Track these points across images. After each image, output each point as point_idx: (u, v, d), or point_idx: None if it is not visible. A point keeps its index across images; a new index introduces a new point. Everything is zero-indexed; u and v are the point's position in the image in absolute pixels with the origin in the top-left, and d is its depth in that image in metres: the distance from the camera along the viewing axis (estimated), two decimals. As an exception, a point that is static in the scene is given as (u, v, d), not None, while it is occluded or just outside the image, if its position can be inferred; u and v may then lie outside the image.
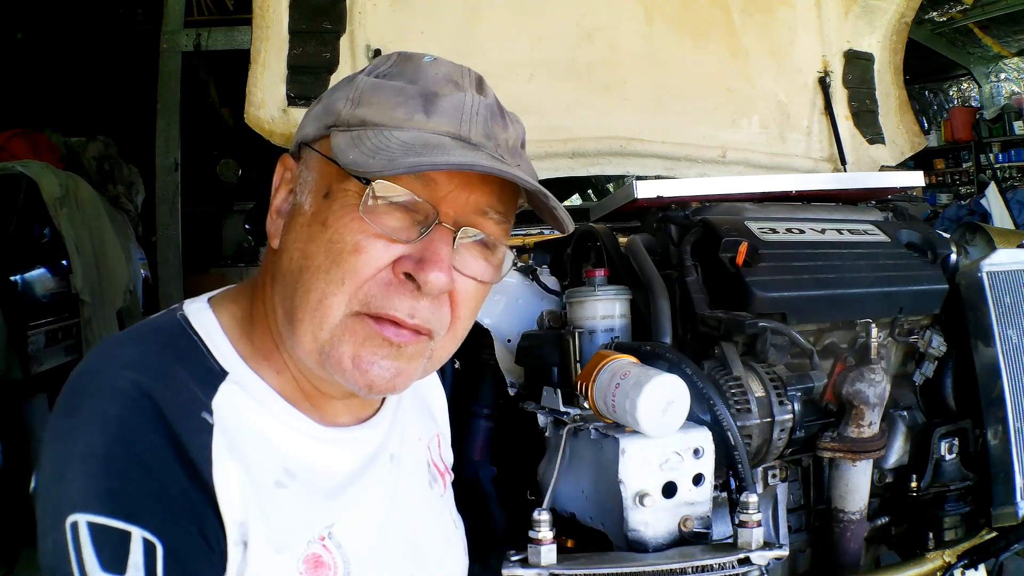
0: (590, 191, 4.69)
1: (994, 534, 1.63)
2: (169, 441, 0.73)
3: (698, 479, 1.20)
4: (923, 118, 10.02)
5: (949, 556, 1.57)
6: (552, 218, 0.86)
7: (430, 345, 0.82)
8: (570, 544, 1.30)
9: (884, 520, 1.68)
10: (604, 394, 1.18)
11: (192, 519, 0.73)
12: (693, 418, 1.25)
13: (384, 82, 0.81)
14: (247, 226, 6.96)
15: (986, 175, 9.15)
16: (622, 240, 1.71)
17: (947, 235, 1.88)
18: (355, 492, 0.86)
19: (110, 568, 0.69)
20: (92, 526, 0.69)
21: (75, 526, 0.69)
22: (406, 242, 0.78)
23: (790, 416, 1.40)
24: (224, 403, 0.78)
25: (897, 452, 1.67)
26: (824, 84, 2.64)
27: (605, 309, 1.54)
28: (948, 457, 1.67)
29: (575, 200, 4.56)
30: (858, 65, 2.71)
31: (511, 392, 1.59)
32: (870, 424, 1.45)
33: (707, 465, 1.20)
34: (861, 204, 2.00)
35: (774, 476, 1.54)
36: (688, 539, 1.19)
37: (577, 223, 1.81)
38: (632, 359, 1.22)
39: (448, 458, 1.09)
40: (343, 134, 0.79)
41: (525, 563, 1.10)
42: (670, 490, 1.18)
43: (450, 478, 1.07)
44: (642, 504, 1.16)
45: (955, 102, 10.33)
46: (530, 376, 1.55)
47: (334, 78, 2.26)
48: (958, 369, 1.71)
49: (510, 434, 1.60)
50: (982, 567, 1.60)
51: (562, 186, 4.04)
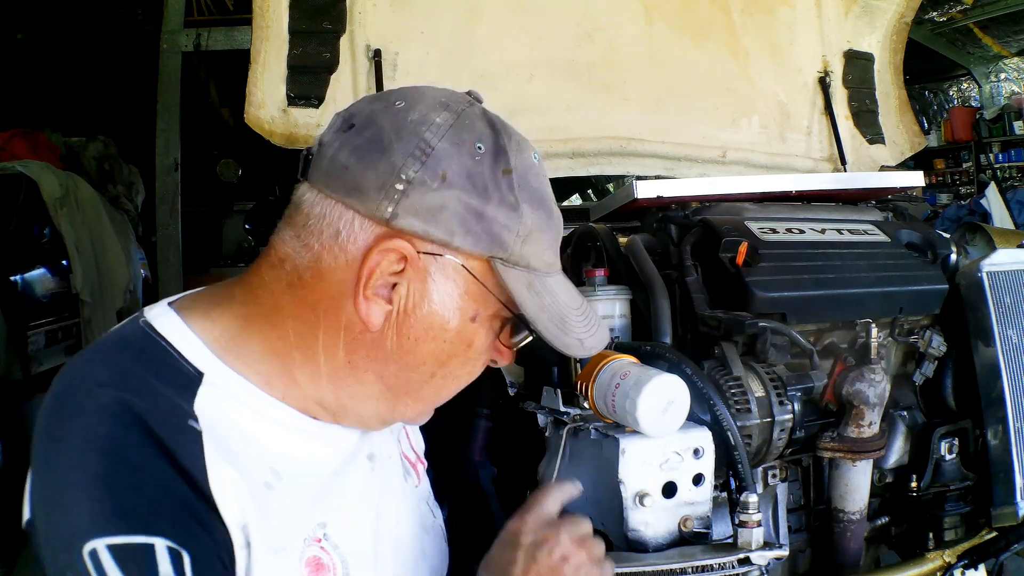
0: (590, 191, 4.70)
1: (994, 534, 1.63)
2: (161, 452, 0.72)
3: (698, 479, 1.20)
4: (923, 118, 10.02)
5: (949, 556, 1.57)
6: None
7: None
8: (570, 544, 1.30)
9: (884, 520, 1.68)
10: (604, 394, 1.18)
11: (201, 527, 0.72)
12: (693, 418, 1.25)
13: (543, 220, 0.84)
14: (247, 226, 6.95)
15: (986, 175, 9.16)
16: (622, 240, 1.71)
17: (947, 235, 1.88)
18: (342, 490, 0.86)
19: None
20: (113, 548, 0.67)
21: (94, 554, 0.67)
22: (512, 349, 0.91)
23: (790, 416, 1.40)
24: (206, 407, 0.76)
25: (897, 452, 1.67)
26: (824, 84, 2.64)
27: (605, 309, 1.54)
28: (948, 457, 1.67)
29: (575, 200, 4.56)
30: (858, 65, 2.71)
31: (511, 392, 1.59)
32: (870, 424, 1.44)
33: (707, 465, 1.20)
34: (861, 204, 2.00)
35: (774, 476, 1.54)
36: (688, 539, 1.19)
37: (577, 223, 1.82)
38: (632, 359, 1.22)
39: (419, 446, 1.10)
40: (515, 274, 0.83)
41: (525, 563, 1.09)
42: (670, 490, 1.18)
43: (423, 467, 1.08)
44: (642, 504, 1.16)
45: (955, 102, 10.33)
46: (530, 376, 1.55)
47: (334, 78, 2.26)
48: (958, 369, 1.71)
49: (510, 434, 1.60)
50: (982, 567, 1.59)
51: (562, 186, 4.05)
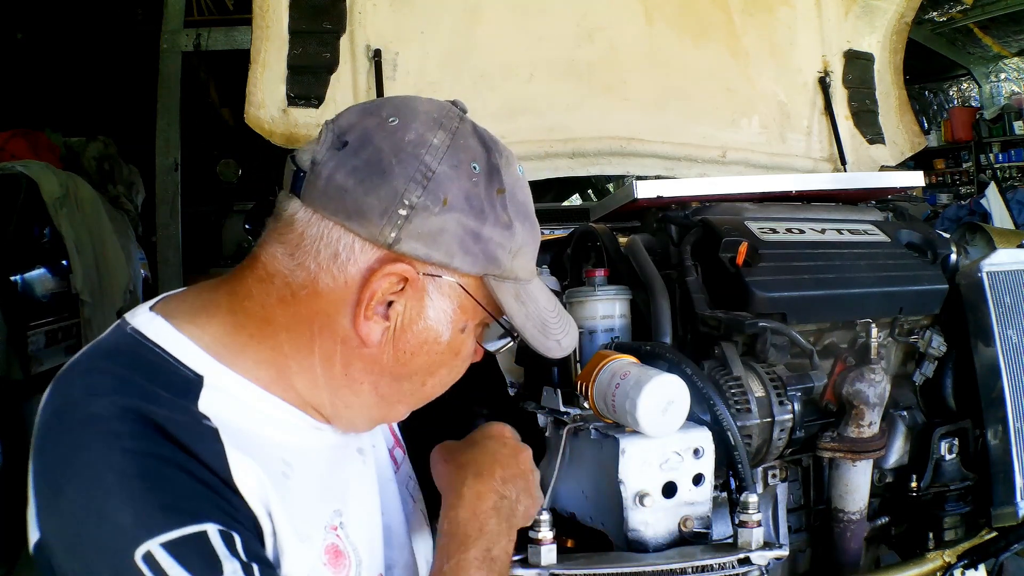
0: (590, 191, 4.70)
1: (994, 534, 1.63)
2: (183, 450, 0.71)
3: (698, 479, 1.20)
4: (923, 118, 10.02)
5: (949, 556, 1.57)
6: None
7: None
8: (570, 544, 1.30)
9: (884, 520, 1.68)
10: (604, 394, 1.18)
11: (236, 512, 0.72)
12: (693, 418, 1.25)
13: (531, 235, 0.87)
14: (247, 226, 6.94)
15: (986, 175, 9.16)
16: (622, 240, 1.71)
17: (947, 235, 1.88)
18: (343, 481, 0.87)
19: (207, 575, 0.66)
20: (168, 546, 0.66)
21: (148, 556, 0.65)
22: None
23: (790, 416, 1.40)
24: (211, 407, 0.76)
25: (897, 452, 1.67)
26: (824, 84, 2.64)
27: (605, 309, 1.54)
28: (948, 457, 1.67)
29: (575, 200, 4.56)
30: (858, 65, 2.71)
31: (511, 392, 1.59)
32: (870, 424, 1.44)
33: (707, 465, 1.20)
34: (861, 204, 2.00)
35: (774, 476, 1.54)
36: (688, 539, 1.19)
37: (577, 223, 1.82)
38: (632, 359, 1.22)
39: (395, 429, 1.11)
40: (505, 287, 0.85)
41: (525, 563, 1.10)
42: (670, 490, 1.18)
43: (400, 452, 1.09)
44: (642, 504, 1.16)
45: (955, 102, 10.34)
46: (530, 376, 1.55)
47: (334, 78, 2.26)
48: (958, 369, 1.71)
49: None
50: (982, 567, 1.59)
51: (562, 186, 4.04)
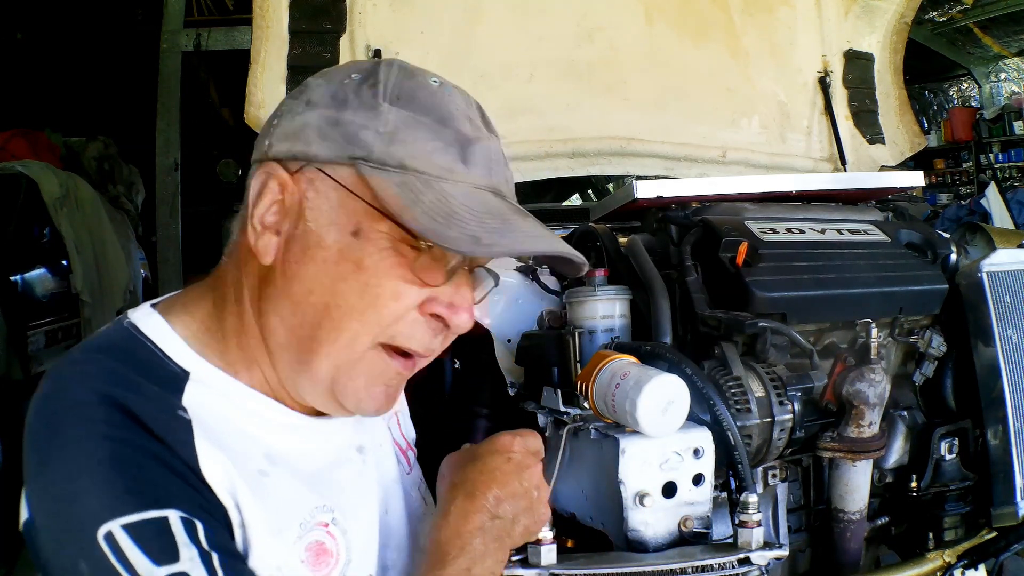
0: (590, 191, 4.70)
1: (994, 534, 1.63)
2: (155, 439, 0.73)
3: (698, 479, 1.20)
4: (923, 118, 10.02)
5: (949, 556, 1.57)
6: (570, 266, 0.89)
7: (421, 364, 0.87)
8: (570, 544, 1.30)
9: (884, 520, 1.68)
10: (604, 394, 1.18)
11: (204, 501, 0.73)
12: (693, 418, 1.25)
13: (416, 117, 0.79)
14: (247, 226, 6.95)
15: (986, 175, 9.17)
16: (622, 240, 1.71)
17: (947, 235, 1.88)
18: (338, 480, 0.87)
19: (163, 560, 0.67)
20: (128, 527, 0.68)
21: (110, 536, 0.67)
22: (436, 286, 0.80)
23: (790, 416, 1.40)
24: (194, 402, 0.77)
25: (897, 452, 1.67)
26: (824, 84, 2.64)
27: (605, 309, 1.54)
28: (948, 457, 1.67)
29: (575, 200, 4.56)
30: (858, 65, 2.71)
31: (511, 392, 1.59)
32: (870, 424, 1.44)
33: (707, 465, 1.20)
34: (861, 204, 2.00)
35: (774, 476, 1.54)
36: (688, 539, 1.19)
37: (577, 223, 1.82)
38: (632, 359, 1.22)
39: (409, 434, 1.10)
40: (383, 177, 0.77)
41: (525, 563, 1.10)
42: (670, 490, 1.18)
43: (413, 454, 1.08)
44: (642, 504, 1.16)
45: (955, 102, 10.34)
46: (530, 376, 1.55)
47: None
48: (958, 369, 1.71)
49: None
50: (982, 567, 1.59)
51: (562, 186, 4.04)
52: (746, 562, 1.12)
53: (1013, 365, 1.63)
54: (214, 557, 0.69)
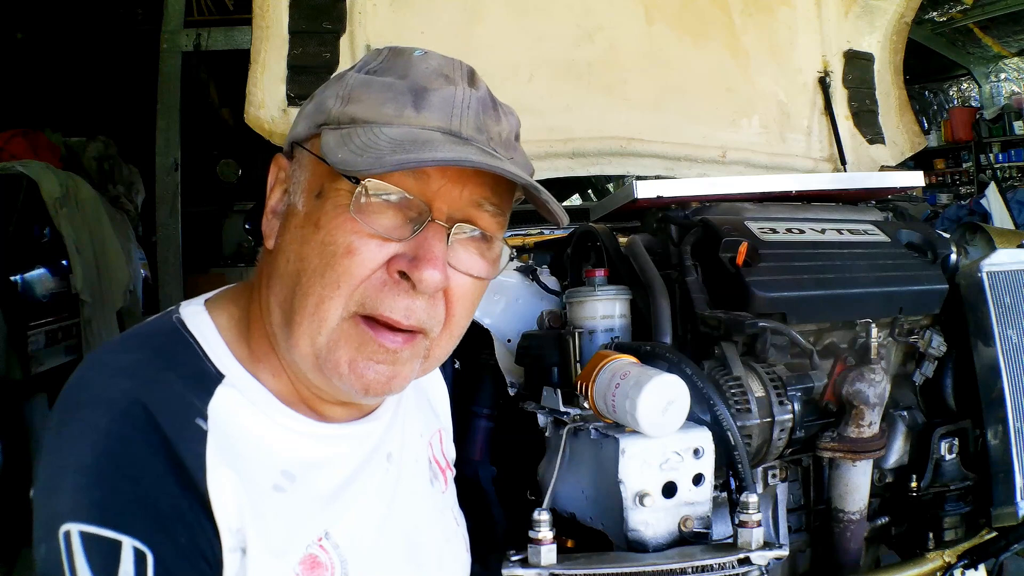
0: (590, 191, 4.69)
1: (994, 534, 1.63)
2: (162, 448, 0.73)
3: (698, 479, 1.20)
4: (923, 118, 10.01)
5: (949, 556, 1.57)
6: (546, 211, 0.84)
7: (424, 344, 0.82)
8: (570, 544, 1.30)
9: (884, 520, 1.68)
10: (604, 394, 1.18)
11: (184, 528, 0.73)
12: (693, 418, 1.25)
13: (374, 78, 0.81)
14: (247, 226, 6.96)
15: (986, 175, 9.16)
16: (622, 240, 1.71)
17: (947, 235, 1.88)
18: (354, 491, 0.86)
19: None
20: (84, 535, 0.70)
21: (67, 535, 0.70)
22: (399, 240, 0.77)
23: (790, 416, 1.40)
24: (220, 407, 0.78)
25: (897, 452, 1.67)
26: (824, 84, 2.64)
27: (605, 309, 1.54)
28: (948, 457, 1.67)
29: (575, 200, 4.56)
30: (858, 65, 2.71)
31: (511, 392, 1.59)
32: (870, 424, 1.45)
33: (707, 465, 1.20)
34: (861, 204, 2.00)
35: (774, 476, 1.54)
36: (688, 539, 1.19)
37: (577, 223, 1.82)
38: (632, 359, 1.22)
39: (450, 454, 1.09)
40: (333, 132, 0.78)
41: (525, 563, 1.10)
42: (670, 490, 1.18)
43: (452, 474, 1.07)
44: (642, 504, 1.16)
45: (955, 102, 10.33)
46: (530, 376, 1.55)
47: (334, 78, 2.26)
48: (958, 369, 1.71)
49: (510, 434, 1.60)
50: (982, 567, 1.60)
51: (562, 186, 4.04)
52: (746, 562, 1.12)
53: (1013, 365, 1.63)
54: None
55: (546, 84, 2.42)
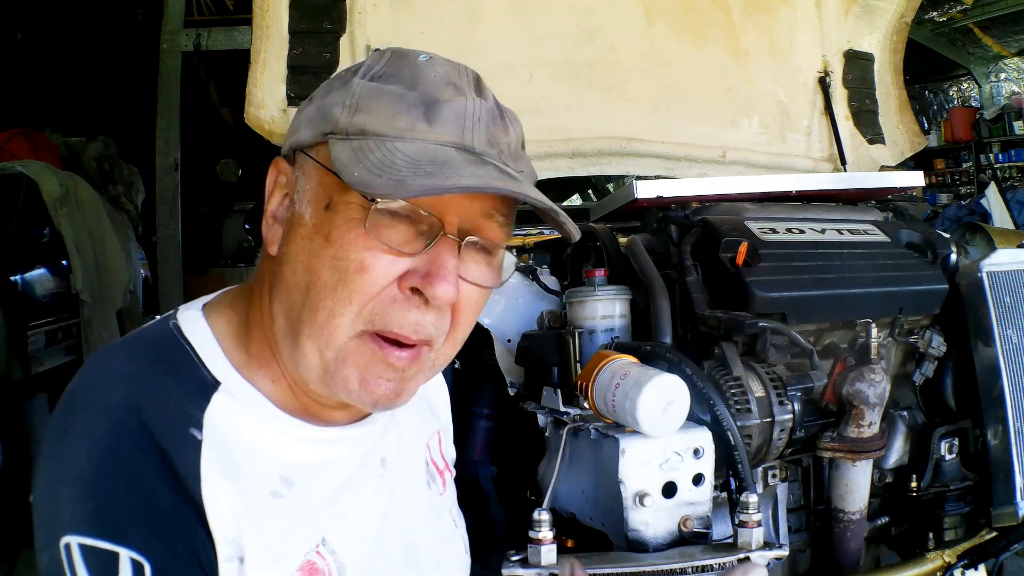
0: (590, 191, 4.69)
1: (994, 534, 1.63)
2: (158, 457, 0.73)
3: (698, 479, 1.20)
4: (923, 118, 10.01)
5: (949, 556, 1.57)
6: (561, 230, 0.85)
7: (430, 356, 0.82)
8: (570, 544, 1.31)
9: (884, 520, 1.68)
10: (604, 394, 1.18)
11: (181, 537, 0.73)
12: (693, 418, 1.25)
13: (382, 86, 0.79)
14: (247, 226, 6.95)
15: (986, 175, 9.16)
16: (622, 240, 1.71)
17: (947, 235, 1.89)
18: (349, 496, 0.86)
19: None
20: (83, 548, 0.70)
21: (68, 547, 0.70)
22: (411, 255, 0.76)
23: (790, 416, 1.40)
24: (216, 415, 0.77)
25: (897, 452, 1.67)
26: (824, 84, 2.64)
27: (605, 309, 1.54)
28: (948, 457, 1.67)
29: (575, 200, 4.56)
30: (858, 65, 2.71)
31: (511, 392, 1.59)
32: (870, 424, 1.45)
33: (707, 465, 1.20)
34: (861, 204, 2.01)
35: (774, 476, 1.54)
36: (688, 539, 1.19)
37: (577, 223, 1.82)
38: (632, 359, 1.22)
39: (450, 455, 1.09)
40: (342, 144, 0.77)
41: (525, 563, 1.10)
42: (670, 490, 1.18)
43: (451, 475, 1.06)
44: (642, 504, 1.16)
45: (955, 102, 10.33)
46: (530, 376, 1.55)
47: (334, 78, 2.26)
48: (958, 369, 1.71)
49: (510, 434, 1.60)
50: (982, 567, 1.60)
51: (562, 186, 4.04)
52: (746, 562, 1.12)
53: (1013, 365, 1.63)
54: None
55: (546, 84, 2.42)
